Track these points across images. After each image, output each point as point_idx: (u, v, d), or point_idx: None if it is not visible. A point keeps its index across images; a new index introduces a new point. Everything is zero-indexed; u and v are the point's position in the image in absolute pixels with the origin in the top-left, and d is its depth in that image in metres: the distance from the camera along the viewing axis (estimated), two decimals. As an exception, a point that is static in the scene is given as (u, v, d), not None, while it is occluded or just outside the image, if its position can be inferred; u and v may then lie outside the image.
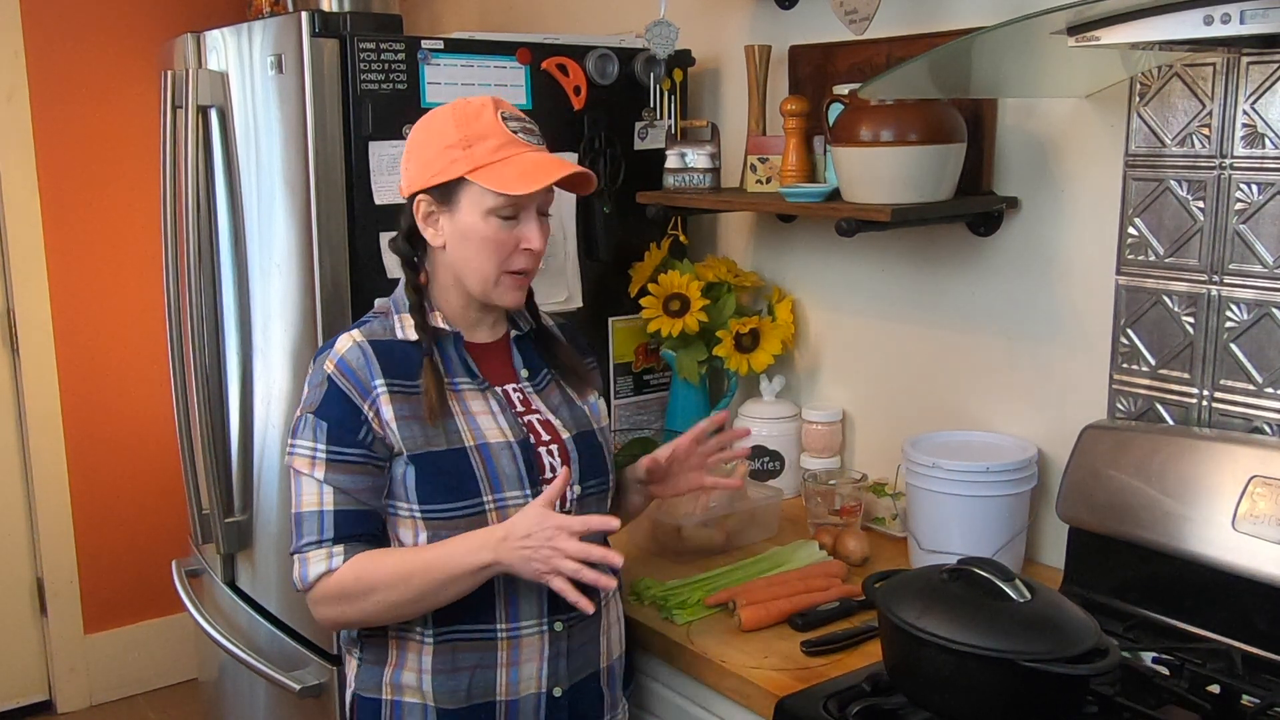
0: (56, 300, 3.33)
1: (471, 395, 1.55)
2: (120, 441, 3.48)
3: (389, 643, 1.56)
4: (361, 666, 1.59)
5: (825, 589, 1.80)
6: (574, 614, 1.54)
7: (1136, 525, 1.67)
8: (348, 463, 1.48)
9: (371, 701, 1.57)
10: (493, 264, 1.52)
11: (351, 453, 1.48)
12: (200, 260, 2.38)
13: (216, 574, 2.56)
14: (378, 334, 1.55)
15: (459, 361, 1.56)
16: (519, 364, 1.62)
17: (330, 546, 1.48)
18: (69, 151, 3.31)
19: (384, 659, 1.56)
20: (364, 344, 1.52)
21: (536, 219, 1.52)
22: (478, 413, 1.54)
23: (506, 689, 1.54)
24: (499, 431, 1.53)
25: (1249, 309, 1.68)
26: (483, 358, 1.59)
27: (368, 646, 1.58)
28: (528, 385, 1.61)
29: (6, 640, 3.41)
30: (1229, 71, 1.66)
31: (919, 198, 1.85)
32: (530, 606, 1.53)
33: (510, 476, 1.51)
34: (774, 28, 2.32)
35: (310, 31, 1.97)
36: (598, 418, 1.66)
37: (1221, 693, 1.43)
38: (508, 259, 1.52)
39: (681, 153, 2.26)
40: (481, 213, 1.49)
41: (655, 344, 2.43)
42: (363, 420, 1.48)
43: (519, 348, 1.63)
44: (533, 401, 1.60)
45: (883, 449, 2.21)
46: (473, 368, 1.56)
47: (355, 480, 1.48)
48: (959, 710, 1.33)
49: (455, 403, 1.53)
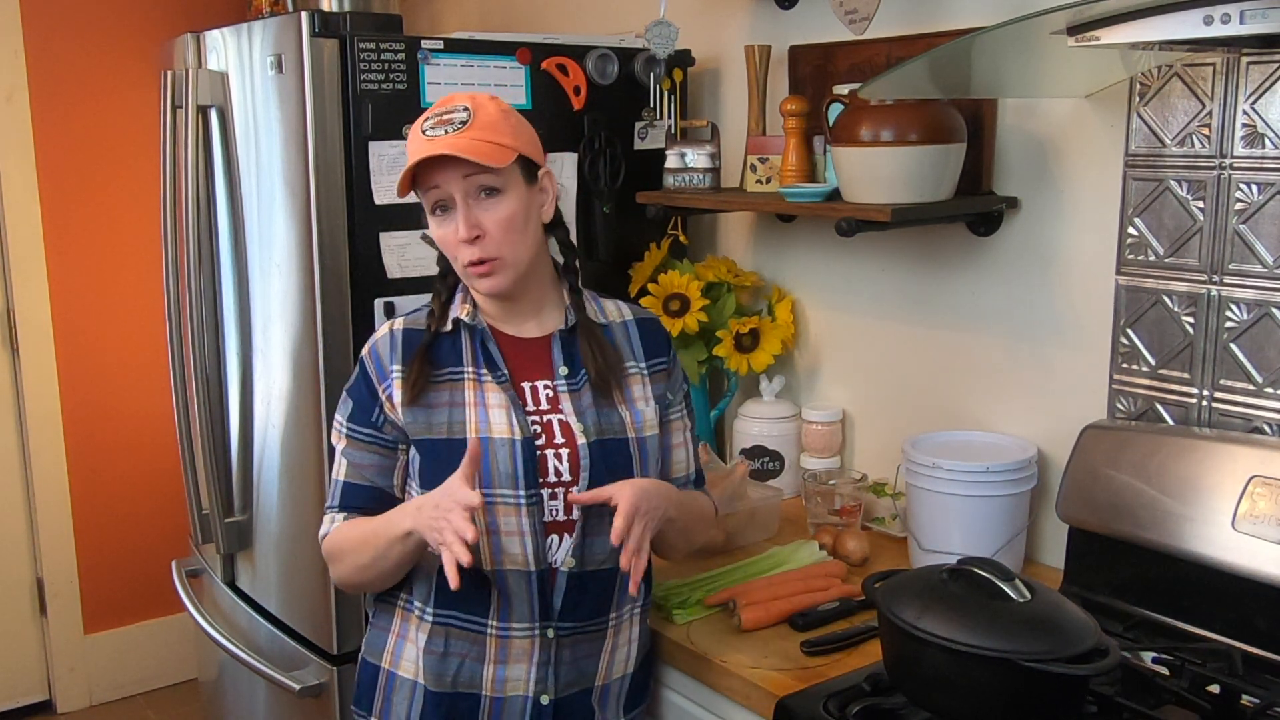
0: (56, 300, 3.32)
1: (492, 389, 1.55)
2: (120, 441, 3.48)
3: (396, 613, 1.61)
4: (371, 630, 1.65)
5: (825, 589, 1.80)
6: (571, 624, 1.55)
7: (1136, 525, 1.67)
8: (359, 440, 1.57)
9: (373, 667, 1.63)
10: (452, 259, 1.54)
11: (363, 432, 1.57)
12: (200, 260, 2.38)
13: (216, 574, 2.56)
14: (419, 323, 1.59)
15: (484, 354, 1.57)
16: (558, 361, 1.59)
17: (335, 513, 1.58)
18: (69, 151, 3.31)
19: (389, 627, 1.62)
20: (398, 331, 1.58)
21: (463, 206, 1.49)
22: (492, 406, 1.54)
23: (492, 685, 1.55)
24: (506, 428, 1.53)
25: (1249, 309, 1.68)
26: (521, 352, 1.59)
27: (379, 612, 1.64)
28: (563, 384, 1.58)
29: (6, 640, 3.41)
30: (1229, 71, 1.66)
31: (919, 198, 1.85)
32: (522, 609, 1.53)
33: (504, 474, 1.51)
34: (774, 28, 2.32)
35: (310, 31, 1.97)
36: (639, 426, 1.59)
37: (1221, 693, 1.43)
38: (456, 253, 1.52)
39: (681, 153, 2.26)
40: (429, 214, 1.54)
41: (655, 344, 2.42)
42: (378, 404, 1.55)
43: (563, 344, 1.60)
44: (561, 401, 1.57)
45: (883, 449, 2.21)
46: (496, 361, 1.56)
47: (364, 457, 1.57)
48: (959, 710, 1.33)
49: (474, 393, 1.54)
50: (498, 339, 1.59)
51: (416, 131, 1.51)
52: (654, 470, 1.61)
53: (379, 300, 2.07)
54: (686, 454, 1.69)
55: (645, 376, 1.63)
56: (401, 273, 2.08)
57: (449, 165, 1.48)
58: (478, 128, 1.49)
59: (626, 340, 1.64)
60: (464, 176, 1.48)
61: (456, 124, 1.49)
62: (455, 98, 1.54)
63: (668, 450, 1.66)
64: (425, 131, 1.49)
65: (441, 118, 1.50)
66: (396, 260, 2.07)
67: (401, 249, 2.07)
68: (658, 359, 1.66)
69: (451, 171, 1.48)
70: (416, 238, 2.08)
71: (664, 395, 1.65)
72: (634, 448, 1.58)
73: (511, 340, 1.59)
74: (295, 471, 2.20)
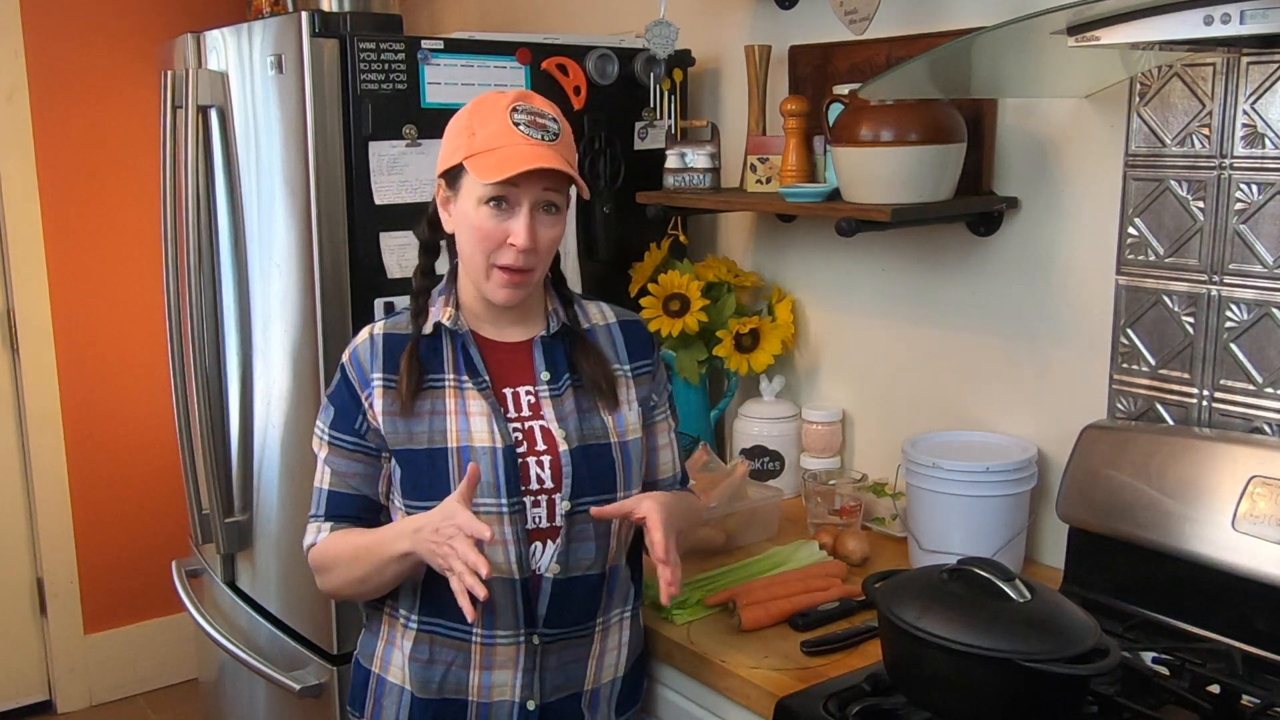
0: (56, 300, 3.32)
1: (473, 395, 1.53)
2: (120, 441, 3.47)
3: (384, 618, 1.61)
4: (364, 633, 1.66)
5: (825, 589, 1.80)
6: (556, 630, 1.54)
7: (1136, 525, 1.67)
8: (342, 448, 1.55)
9: (364, 670, 1.63)
10: (481, 255, 1.49)
11: (346, 439, 1.55)
12: (200, 260, 2.38)
13: (216, 574, 2.56)
14: (399, 327, 1.57)
15: (464, 359, 1.55)
16: (540, 366, 1.57)
17: (320, 521, 1.57)
18: (69, 151, 3.31)
19: (378, 632, 1.62)
20: (379, 336, 1.56)
21: (528, 214, 1.46)
22: (473, 414, 1.52)
23: (479, 691, 1.55)
24: (487, 436, 1.51)
25: (1249, 309, 1.68)
26: (503, 357, 1.57)
27: (370, 616, 1.64)
28: (545, 390, 1.56)
29: (6, 640, 3.41)
30: (1229, 71, 1.66)
31: (919, 198, 1.85)
32: (507, 616, 1.52)
33: (486, 482, 1.49)
34: (774, 28, 2.32)
35: (310, 31, 1.97)
36: (622, 430, 1.58)
37: (1221, 693, 1.43)
38: (495, 252, 1.48)
39: (681, 153, 2.26)
40: (475, 200, 1.48)
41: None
42: (361, 411, 1.54)
43: (545, 349, 1.58)
44: (543, 407, 1.55)
45: (883, 449, 2.21)
46: (477, 366, 1.54)
47: (348, 465, 1.55)
48: (959, 710, 1.33)
49: (455, 400, 1.53)
50: (479, 343, 1.56)
51: (503, 116, 1.46)
52: (637, 474, 1.60)
53: (379, 300, 2.07)
54: (672, 455, 1.68)
55: (629, 379, 1.62)
56: (401, 273, 2.07)
57: (536, 173, 1.45)
58: (564, 145, 1.49)
59: (611, 343, 1.63)
60: (543, 189, 1.47)
61: (551, 133, 1.48)
62: (534, 98, 1.51)
63: (653, 452, 1.65)
64: (519, 126, 1.46)
65: (534, 118, 1.48)
66: (396, 260, 2.07)
67: (401, 249, 2.07)
68: (642, 361, 1.64)
69: (536, 180, 1.46)
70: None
71: (648, 398, 1.63)
72: (617, 453, 1.57)
73: (493, 344, 1.57)
74: (295, 471, 2.20)
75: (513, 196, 1.47)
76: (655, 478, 1.65)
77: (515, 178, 1.44)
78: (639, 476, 1.60)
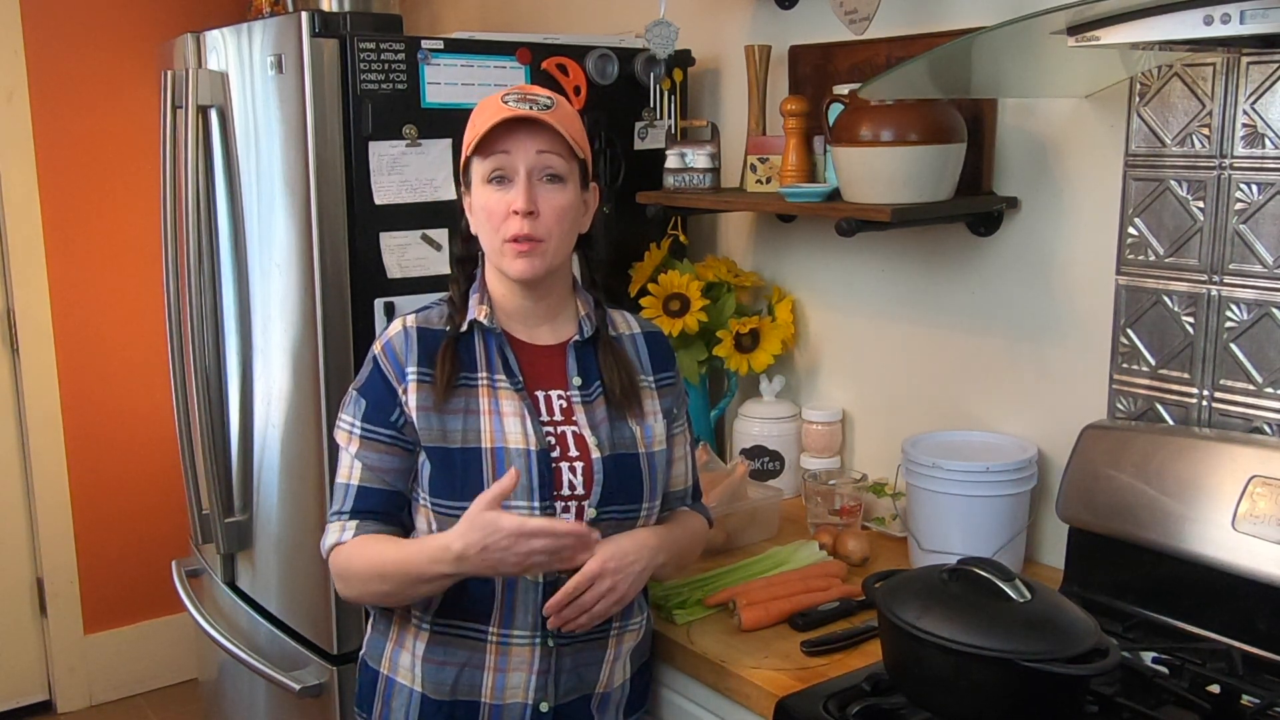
0: (56, 300, 3.32)
1: (506, 395, 1.53)
2: (120, 441, 3.48)
3: (394, 620, 1.59)
4: (372, 634, 1.64)
5: (825, 589, 1.80)
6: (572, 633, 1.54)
7: (1136, 525, 1.67)
8: (378, 441, 1.52)
9: (373, 670, 1.62)
10: (492, 232, 1.51)
11: (383, 433, 1.52)
12: (200, 260, 2.38)
13: (216, 574, 2.56)
14: (431, 321, 1.56)
15: (500, 359, 1.55)
16: (572, 371, 1.57)
17: (345, 520, 1.53)
18: (69, 151, 3.31)
19: (388, 633, 1.60)
20: (412, 329, 1.54)
21: (525, 179, 1.48)
22: (508, 414, 1.51)
23: (492, 692, 1.54)
24: (521, 438, 1.50)
25: (1249, 309, 1.68)
26: (537, 359, 1.56)
27: (379, 617, 1.63)
28: (576, 395, 1.56)
29: (6, 640, 3.41)
30: (1229, 71, 1.66)
31: (919, 198, 1.85)
32: (525, 617, 1.52)
33: (520, 485, 1.48)
34: (774, 28, 2.32)
35: (310, 31, 1.97)
36: (649, 441, 1.58)
37: (1221, 693, 1.43)
38: (502, 225, 1.49)
39: (681, 153, 2.26)
40: (480, 184, 1.51)
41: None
42: (397, 403, 1.51)
43: (578, 354, 1.58)
44: (575, 413, 1.55)
45: (883, 449, 2.21)
46: (512, 367, 1.54)
47: (383, 459, 1.52)
48: (959, 710, 1.33)
49: (488, 400, 1.52)
50: (511, 344, 1.56)
51: (494, 102, 1.49)
52: (661, 486, 1.60)
53: (379, 300, 2.07)
54: (686, 467, 1.68)
55: (654, 390, 1.62)
56: (401, 273, 2.08)
57: (526, 137, 1.47)
58: (559, 115, 1.50)
59: (636, 354, 1.63)
60: (537, 152, 1.48)
61: (542, 104, 1.49)
62: (532, 87, 1.54)
63: (669, 464, 1.64)
64: (507, 102, 1.48)
65: (525, 96, 1.50)
66: (396, 260, 2.07)
67: (401, 249, 2.07)
68: (665, 373, 1.65)
69: (527, 143, 1.47)
70: (416, 238, 2.08)
71: (670, 410, 1.64)
72: (644, 463, 1.57)
73: (525, 346, 1.57)
74: (295, 471, 2.20)
75: (509, 166, 1.48)
76: (669, 489, 1.65)
77: (506, 144, 1.47)
78: (662, 488, 1.60)
